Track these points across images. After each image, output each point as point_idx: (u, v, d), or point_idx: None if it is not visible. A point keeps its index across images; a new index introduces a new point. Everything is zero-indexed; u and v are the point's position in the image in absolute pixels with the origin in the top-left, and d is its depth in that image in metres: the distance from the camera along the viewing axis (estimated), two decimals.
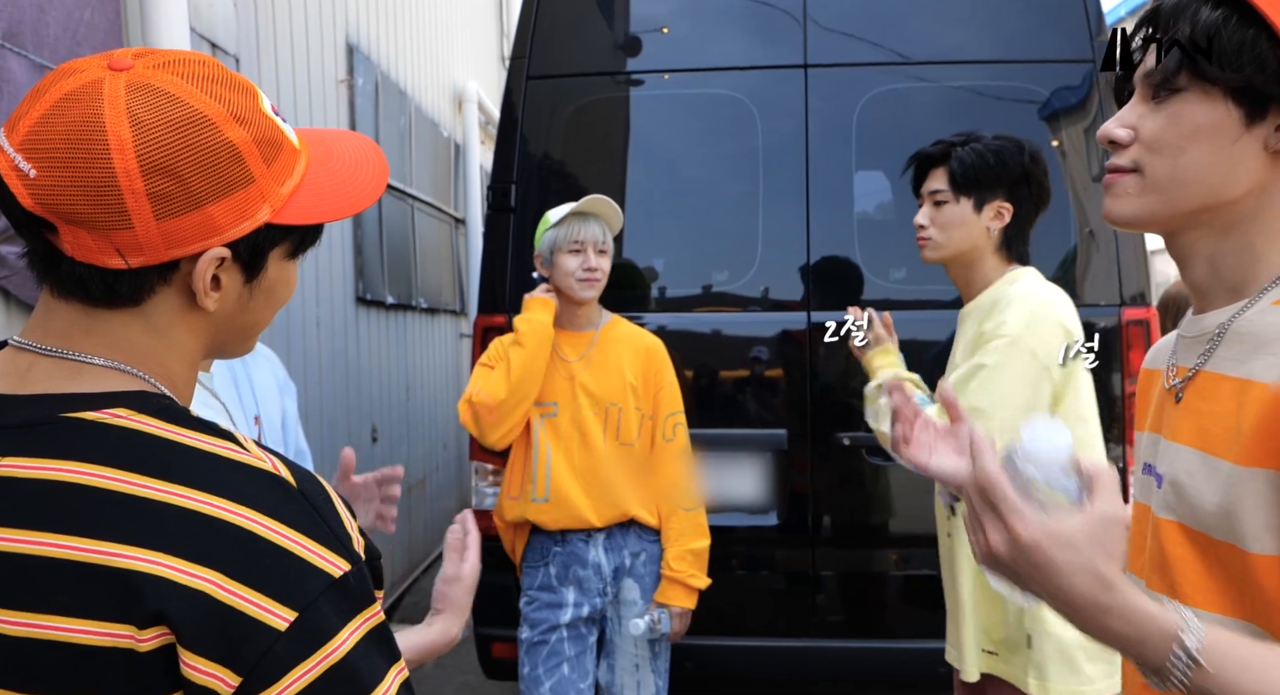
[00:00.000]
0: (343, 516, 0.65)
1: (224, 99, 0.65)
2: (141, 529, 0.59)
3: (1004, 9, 2.60)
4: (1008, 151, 1.68)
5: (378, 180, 0.74)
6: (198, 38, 2.95)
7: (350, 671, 0.60)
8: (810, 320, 2.52)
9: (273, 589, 0.59)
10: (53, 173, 0.61)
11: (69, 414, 0.63)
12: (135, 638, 0.58)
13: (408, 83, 5.09)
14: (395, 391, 4.70)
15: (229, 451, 0.64)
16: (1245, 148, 0.75)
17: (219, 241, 0.65)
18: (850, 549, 2.57)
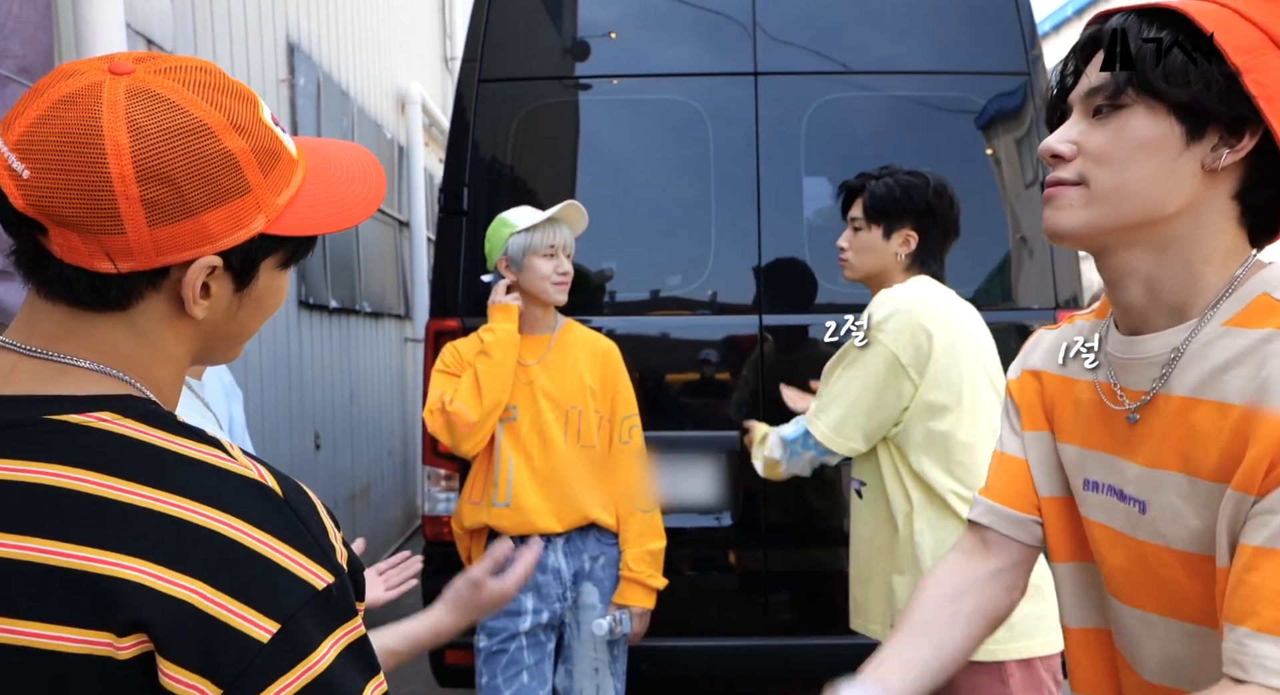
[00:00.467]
0: (327, 527, 0.65)
1: (224, 107, 0.64)
2: (121, 534, 0.58)
3: (944, 23, 2.69)
4: (915, 187, 1.85)
5: (374, 193, 0.74)
6: (133, 33, 2.87)
7: (330, 685, 0.59)
8: (762, 323, 2.57)
9: (255, 600, 0.58)
10: (47, 175, 0.60)
11: (52, 416, 0.62)
12: (114, 646, 0.56)
13: (350, 83, 5.01)
14: (339, 397, 4.62)
15: (214, 458, 0.63)
16: (1184, 165, 0.78)
17: (211, 250, 0.65)
18: (800, 549, 2.62)
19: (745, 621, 2.61)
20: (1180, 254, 0.80)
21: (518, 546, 2.06)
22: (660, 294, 2.66)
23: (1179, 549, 0.79)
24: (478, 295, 2.60)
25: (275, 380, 3.75)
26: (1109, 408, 0.85)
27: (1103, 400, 0.86)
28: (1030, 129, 2.65)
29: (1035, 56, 2.64)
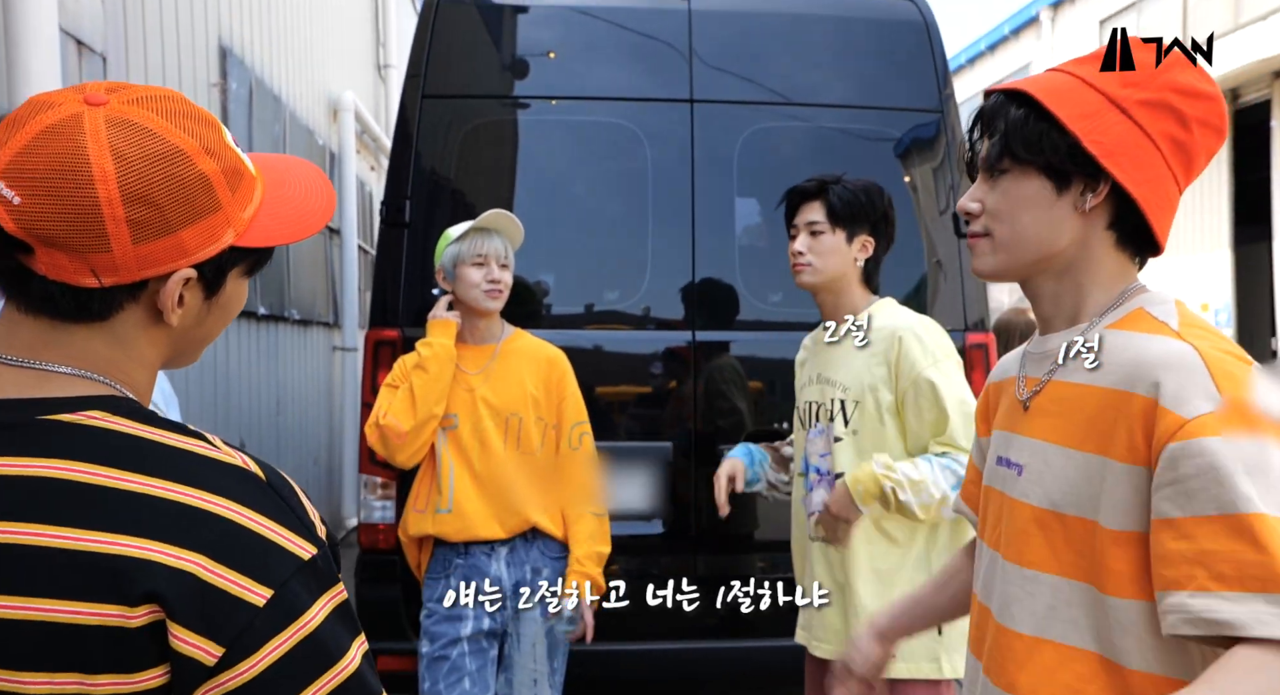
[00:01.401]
0: (306, 506, 0.72)
1: (196, 134, 0.71)
2: (129, 519, 0.64)
3: (866, 62, 2.88)
4: (873, 192, 1.89)
5: (327, 206, 0.81)
6: (64, 35, 2.82)
7: (319, 642, 0.67)
8: (695, 338, 2.68)
9: (251, 570, 0.65)
10: (38, 200, 0.66)
11: (46, 416, 0.68)
12: (125, 616, 0.63)
13: (282, 89, 4.97)
14: (265, 404, 4.55)
15: (201, 448, 0.69)
16: (1060, 211, 0.96)
17: (187, 263, 0.71)
18: (729, 554, 2.73)
19: (676, 625, 2.70)
20: (1074, 277, 0.99)
21: (463, 555, 2.10)
22: (598, 308, 2.76)
23: (1034, 505, 0.97)
24: (418, 306, 2.64)
25: (201, 387, 3.70)
26: (1016, 395, 1.05)
27: (1016, 389, 1.05)
28: (943, 161, 2.85)
29: (948, 95, 2.85)
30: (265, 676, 0.64)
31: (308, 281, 5.30)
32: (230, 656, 0.64)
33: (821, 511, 1.83)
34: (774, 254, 2.77)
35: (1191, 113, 0.93)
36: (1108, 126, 0.93)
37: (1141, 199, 0.94)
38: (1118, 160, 0.93)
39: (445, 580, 2.11)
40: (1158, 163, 0.94)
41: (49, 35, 2.42)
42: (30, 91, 2.33)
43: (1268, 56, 9.06)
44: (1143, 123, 0.93)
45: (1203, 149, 0.95)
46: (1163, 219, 0.96)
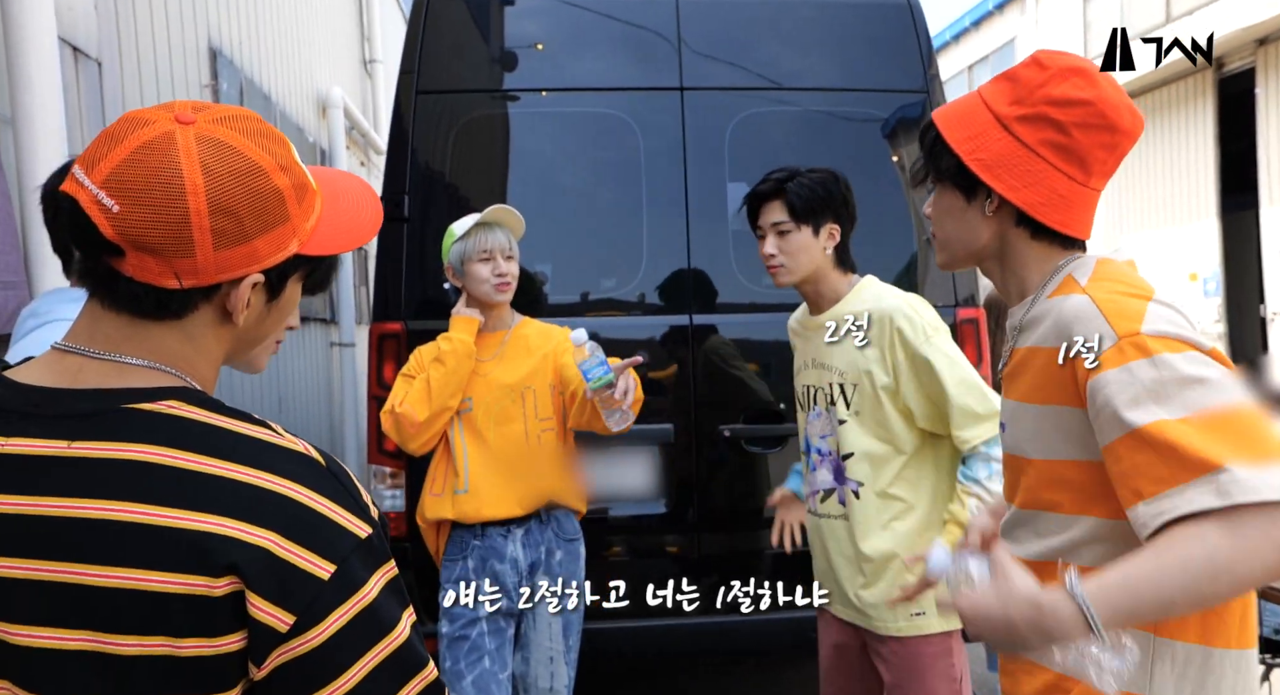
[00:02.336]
0: (360, 489, 0.79)
1: (272, 151, 0.78)
2: (209, 498, 0.71)
3: (851, 45, 2.92)
4: (829, 182, 1.91)
5: (376, 217, 0.89)
6: (60, 42, 2.85)
7: (376, 613, 0.74)
8: (692, 322, 2.74)
9: (317, 546, 0.72)
10: (136, 209, 0.72)
11: (128, 405, 0.74)
12: (210, 585, 0.70)
13: (272, 88, 4.98)
14: (268, 402, 4.60)
15: (268, 436, 0.76)
16: (973, 215, 1.15)
17: (258, 269, 0.78)
18: (730, 532, 2.80)
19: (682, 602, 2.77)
20: (1007, 265, 1.17)
21: (480, 537, 2.15)
22: (595, 296, 2.81)
23: (1009, 453, 1.17)
24: (419, 299, 2.70)
25: None
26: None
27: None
28: None
29: (932, 75, 2.89)
30: (330, 643, 0.71)
31: None
32: (300, 624, 0.70)
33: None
34: None
35: (1067, 119, 1.07)
36: (989, 144, 1.10)
37: (1022, 203, 1.09)
38: (996, 173, 1.10)
39: (463, 562, 2.17)
40: (1041, 168, 1.09)
41: (48, 43, 2.45)
42: (30, 98, 2.36)
43: (1250, 24, 9.10)
44: (1021, 135, 1.09)
45: (1094, 146, 1.08)
46: (1059, 214, 1.10)
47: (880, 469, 1.87)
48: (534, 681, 2.20)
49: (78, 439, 0.73)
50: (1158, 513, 0.92)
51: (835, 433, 1.91)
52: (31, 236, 2.26)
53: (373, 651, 0.73)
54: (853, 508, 1.90)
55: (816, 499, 1.96)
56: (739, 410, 2.75)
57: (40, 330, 1.42)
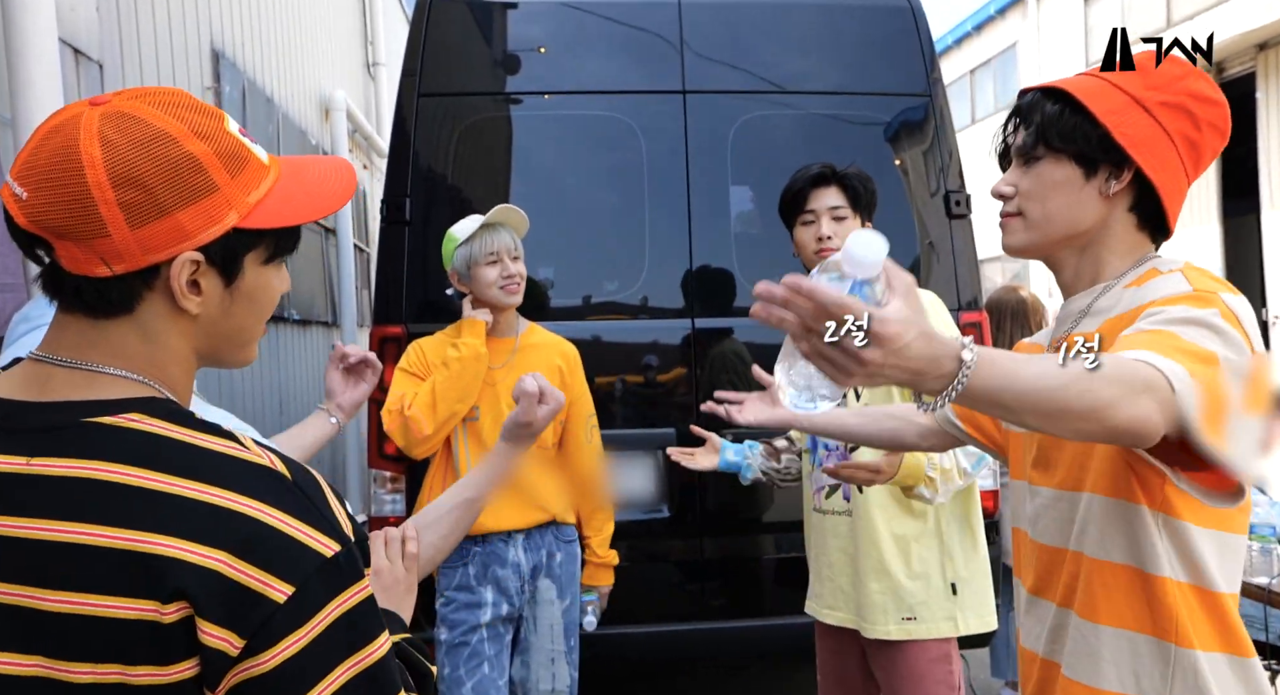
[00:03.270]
0: (332, 504, 0.74)
1: (186, 119, 0.73)
2: (161, 518, 0.68)
3: (854, 48, 2.91)
4: (870, 179, 1.96)
5: (346, 187, 0.83)
6: (61, 44, 2.84)
7: (340, 634, 0.69)
8: (694, 326, 2.73)
9: (273, 567, 0.68)
10: (40, 193, 0.70)
11: (90, 419, 0.72)
12: (159, 611, 0.66)
13: (274, 90, 4.98)
14: (269, 405, 4.59)
15: (231, 449, 0.72)
16: (1087, 194, 1.09)
17: (190, 246, 0.73)
18: (734, 536, 2.79)
19: (685, 607, 2.76)
20: (1095, 251, 1.12)
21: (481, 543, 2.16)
22: (598, 299, 2.80)
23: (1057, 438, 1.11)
24: (421, 302, 2.69)
25: (204, 388, 3.73)
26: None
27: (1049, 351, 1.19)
28: (933, 143, 2.89)
29: (935, 79, 2.89)
30: (285, 667, 0.67)
31: (306, 282, 5.33)
32: (251, 647, 0.67)
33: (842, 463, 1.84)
34: (768, 240, 2.81)
35: (1204, 116, 1.08)
36: (1133, 121, 1.07)
37: (1160, 185, 1.07)
38: (1141, 151, 1.07)
39: (463, 568, 2.16)
40: (1173, 156, 1.08)
41: (49, 46, 2.44)
42: (32, 100, 2.35)
43: (1251, 29, 9.10)
44: (1163, 121, 1.07)
45: (1209, 148, 1.10)
46: (1175, 205, 1.10)
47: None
48: (535, 685, 2.19)
49: (37, 455, 0.70)
50: (1143, 357, 0.88)
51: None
52: None
53: (334, 674, 0.69)
54: (856, 503, 1.90)
55: (821, 496, 1.96)
56: None
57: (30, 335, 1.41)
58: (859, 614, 1.90)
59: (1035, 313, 3.17)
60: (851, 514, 1.91)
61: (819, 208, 1.92)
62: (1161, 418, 0.85)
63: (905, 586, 1.85)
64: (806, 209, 1.94)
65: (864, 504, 1.89)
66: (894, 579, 1.85)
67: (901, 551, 1.86)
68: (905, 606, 1.86)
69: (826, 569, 1.96)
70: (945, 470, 1.78)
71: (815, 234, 1.92)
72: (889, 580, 1.86)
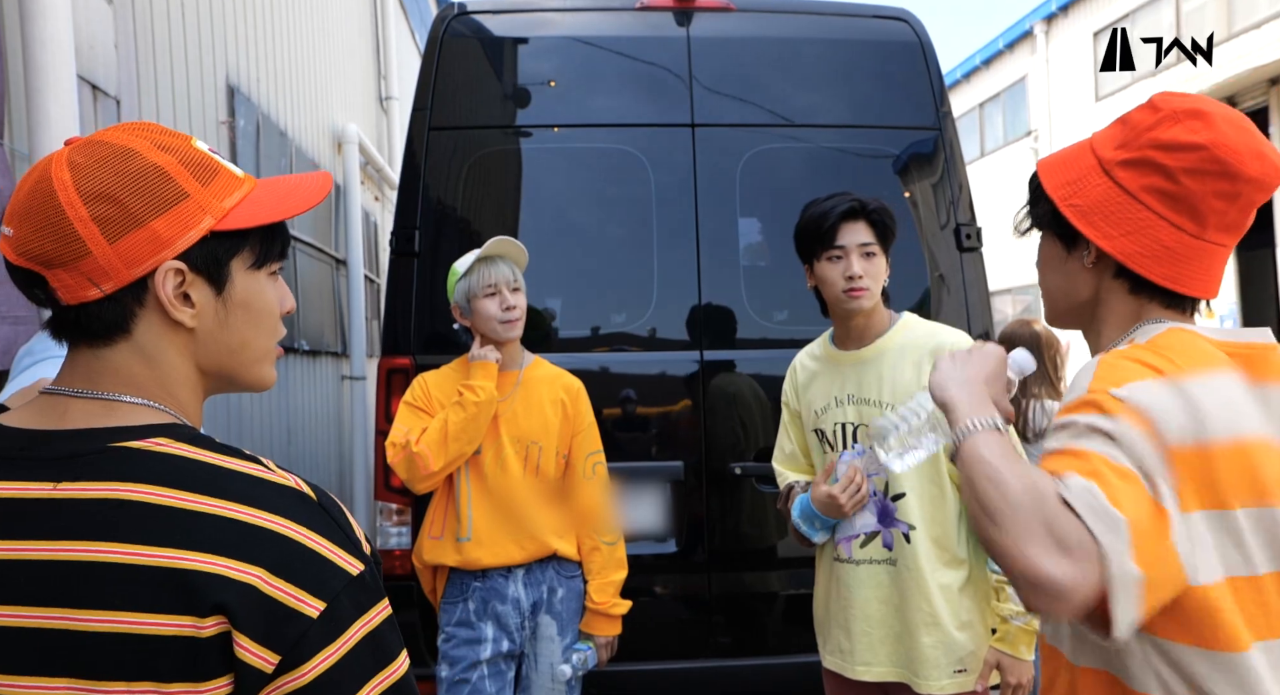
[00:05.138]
0: (353, 525, 0.76)
1: (148, 136, 0.76)
2: (196, 535, 0.69)
3: (863, 83, 2.93)
4: (893, 214, 1.91)
5: (319, 187, 0.85)
6: (79, 80, 2.89)
7: (367, 651, 0.71)
8: (703, 358, 2.71)
9: (306, 584, 0.70)
10: (22, 225, 0.74)
11: (117, 444, 0.73)
12: (197, 627, 0.67)
13: (288, 124, 5.05)
14: (276, 434, 4.59)
15: (258, 472, 0.74)
16: (1073, 267, 1.09)
17: (170, 254, 0.75)
18: (742, 572, 2.74)
19: (691, 645, 2.71)
20: (1096, 323, 1.11)
21: (481, 579, 2.12)
22: (606, 331, 2.79)
23: None
24: (429, 334, 2.69)
25: (212, 418, 3.73)
26: None
27: None
28: (943, 177, 2.89)
29: (944, 112, 2.89)
30: (318, 683, 0.69)
31: (315, 312, 5.35)
32: (286, 663, 0.68)
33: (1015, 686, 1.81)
34: (777, 273, 2.80)
35: (1175, 165, 0.99)
36: (1088, 189, 1.05)
37: (1117, 252, 1.03)
38: (1091, 219, 1.04)
39: (464, 604, 2.13)
40: (1144, 217, 1.02)
41: (68, 82, 2.48)
42: (50, 135, 2.38)
43: (1262, 64, 9.12)
44: (1122, 181, 1.02)
45: (1208, 195, 1.00)
46: (1163, 267, 1.02)
47: (935, 512, 1.81)
48: None
49: (64, 480, 0.71)
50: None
51: (884, 471, 1.81)
52: None
53: (364, 690, 0.71)
54: (903, 552, 1.82)
55: (853, 545, 1.86)
56: (750, 447, 2.72)
57: (34, 368, 1.41)
58: (909, 669, 1.82)
59: (1050, 346, 3.14)
60: (895, 563, 1.83)
61: (849, 244, 1.85)
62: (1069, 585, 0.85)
63: (956, 638, 1.79)
64: (836, 245, 1.86)
65: (911, 554, 1.81)
66: (945, 631, 1.79)
67: (949, 602, 1.80)
68: (956, 658, 1.79)
69: (861, 622, 1.86)
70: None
71: (845, 271, 1.84)
72: (940, 633, 1.79)
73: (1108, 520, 0.85)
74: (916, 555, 1.80)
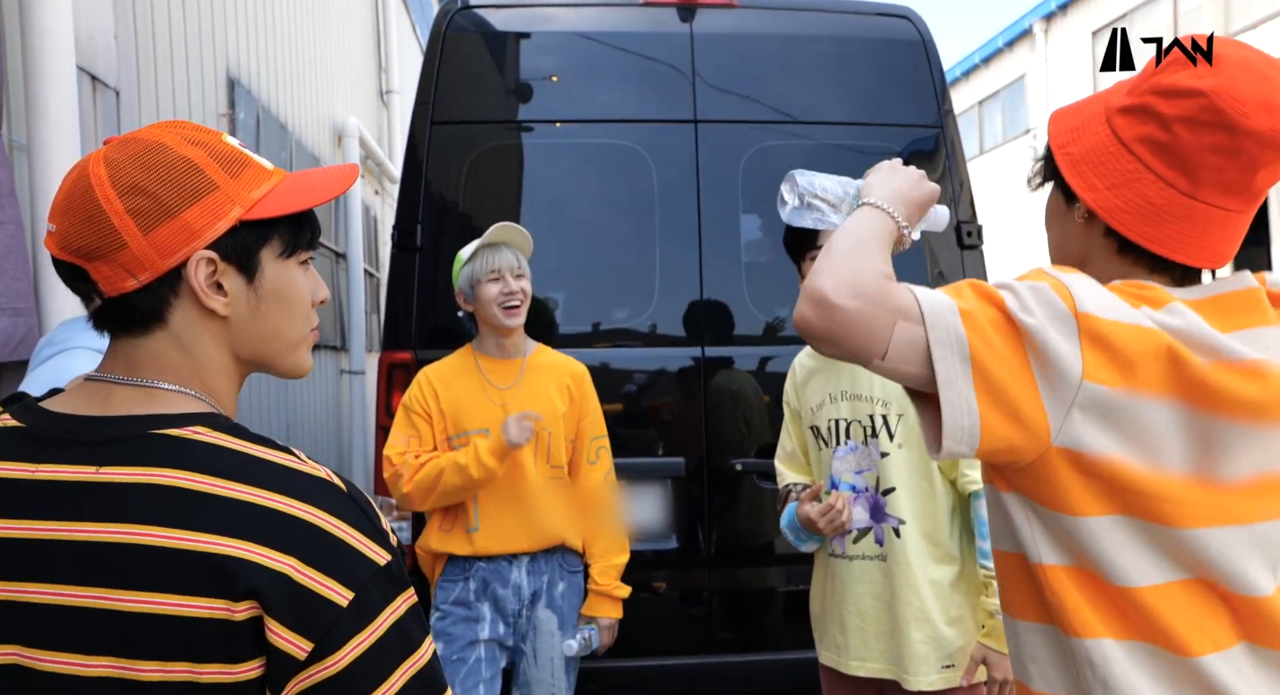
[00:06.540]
0: (380, 517, 0.78)
1: (180, 132, 0.79)
2: (232, 523, 0.71)
3: (866, 80, 2.92)
4: None
5: (346, 177, 0.87)
6: (79, 71, 2.87)
7: (395, 640, 0.73)
8: (705, 354, 2.71)
9: (337, 573, 0.71)
10: (63, 220, 0.77)
11: (157, 431, 0.75)
12: (231, 610, 0.69)
13: (288, 117, 5.03)
14: (275, 428, 4.58)
15: (291, 462, 0.76)
16: (1069, 221, 1.01)
17: (201, 244, 0.77)
18: (742, 568, 2.75)
19: (690, 641, 2.72)
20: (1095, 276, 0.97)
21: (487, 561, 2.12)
22: (607, 326, 2.79)
23: None
24: (430, 329, 2.68)
25: None
26: None
27: None
28: (944, 174, 2.89)
29: (946, 110, 2.89)
30: (349, 671, 0.71)
31: None
32: (318, 651, 0.70)
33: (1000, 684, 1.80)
34: (778, 269, 2.79)
35: (1171, 113, 0.89)
36: (1084, 138, 0.96)
37: (1095, 204, 0.94)
38: (1080, 168, 0.96)
39: (464, 583, 2.12)
40: (1133, 169, 0.92)
41: (67, 73, 2.46)
42: (48, 126, 2.37)
43: None
44: (1118, 129, 0.93)
45: (1202, 149, 0.89)
46: (1145, 226, 0.93)
47: (926, 506, 1.82)
48: None
49: (106, 464, 0.73)
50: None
51: (875, 467, 1.85)
52: (42, 264, 2.26)
53: (393, 678, 0.72)
54: (892, 547, 1.83)
55: (847, 540, 1.88)
56: (751, 444, 2.72)
57: (57, 357, 1.42)
58: (898, 665, 1.83)
59: None
60: (886, 559, 1.84)
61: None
62: (827, 315, 0.88)
63: (945, 634, 1.80)
64: (817, 245, 1.90)
65: (901, 549, 1.82)
66: (934, 627, 1.80)
67: (939, 598, 1.81)
68: (945, 654, 1.80)
69: (854, 618, 1.87)
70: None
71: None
72: (929, 628, 1.80)
73: (939, 299, 0.87)
74: (906, 550, 1.81)
